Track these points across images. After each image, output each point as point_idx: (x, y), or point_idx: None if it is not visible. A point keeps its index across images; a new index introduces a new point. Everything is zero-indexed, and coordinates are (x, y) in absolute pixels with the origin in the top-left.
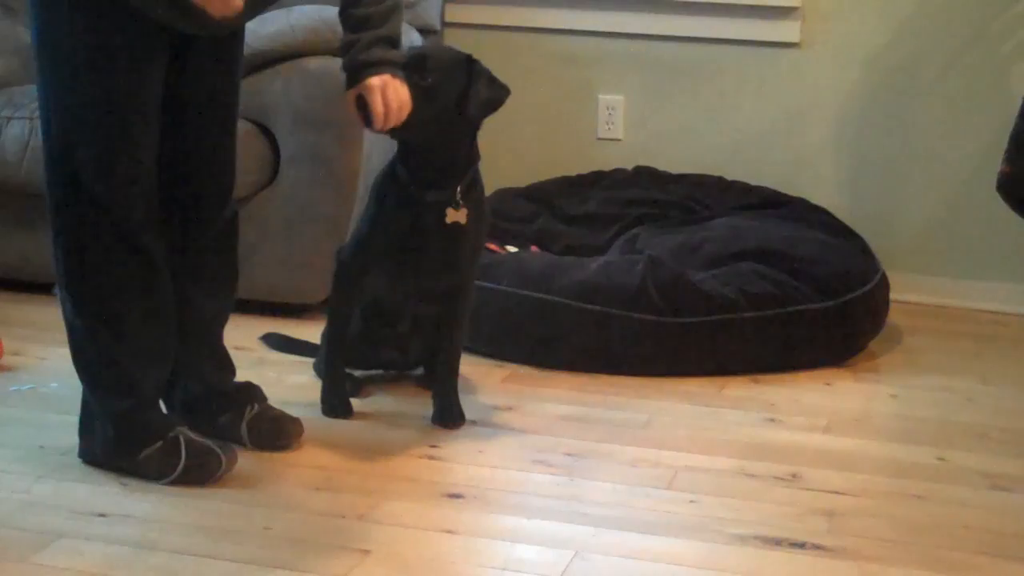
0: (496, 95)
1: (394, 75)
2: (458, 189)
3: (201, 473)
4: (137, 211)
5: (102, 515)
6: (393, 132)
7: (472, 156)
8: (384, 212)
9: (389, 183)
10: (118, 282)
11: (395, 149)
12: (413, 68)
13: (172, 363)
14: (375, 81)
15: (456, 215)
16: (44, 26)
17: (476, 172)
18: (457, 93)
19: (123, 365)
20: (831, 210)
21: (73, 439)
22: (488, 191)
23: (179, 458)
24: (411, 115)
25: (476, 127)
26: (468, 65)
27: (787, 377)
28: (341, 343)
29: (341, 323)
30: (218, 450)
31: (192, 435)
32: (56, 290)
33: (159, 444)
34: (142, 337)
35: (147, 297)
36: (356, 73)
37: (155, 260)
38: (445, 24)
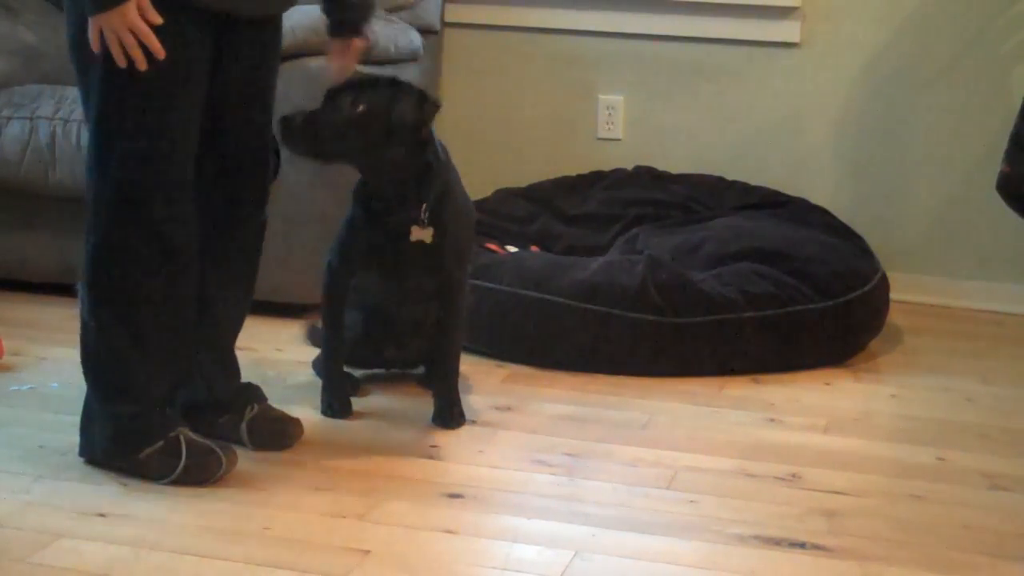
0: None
1: None
2: (424, 207)
3: (201, 473)
4: (174, 208)
5: (102, 515)
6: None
7: (433, 174)
8: (356, 222)
9: (360, 194)
10: (144, 285)
11: None
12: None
13: (182, 372)
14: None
15: (421, 233)
16: (83, 18)
17: (447, 187)
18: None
19: (133, 369)
20: (831, 210)
21: (73, 439)
22: (488, 191)
23: (179, 458)
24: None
25: (419, 144)
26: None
27: (787, 377)
28: (337, 343)
29: (334, 323)
30: (218, 450)
31: (193, 435)
32: (78, 286)
33: (160, 444)
34: (158, 343)
35: (170, 304)
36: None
37: (186, 268)
38: (445, 24)
